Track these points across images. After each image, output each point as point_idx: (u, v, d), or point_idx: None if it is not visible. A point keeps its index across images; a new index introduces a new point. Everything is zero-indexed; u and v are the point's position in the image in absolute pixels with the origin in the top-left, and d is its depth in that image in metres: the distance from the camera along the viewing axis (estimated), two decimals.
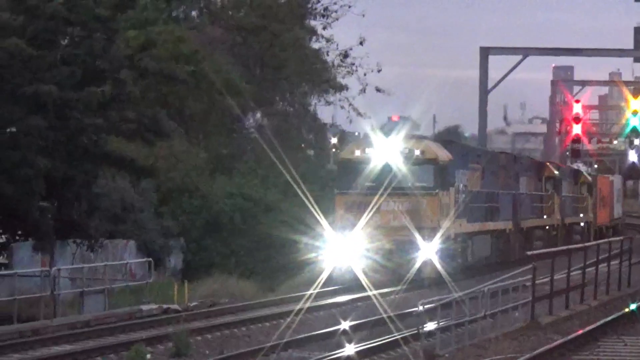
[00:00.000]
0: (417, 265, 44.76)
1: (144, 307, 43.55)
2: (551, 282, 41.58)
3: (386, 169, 46.18)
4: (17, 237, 56.64)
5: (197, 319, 38.25)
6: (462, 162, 53.89)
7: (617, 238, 60.70)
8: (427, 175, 47.04)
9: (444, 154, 49.06)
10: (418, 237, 45.08)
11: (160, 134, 55.32)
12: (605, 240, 57.65)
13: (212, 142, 58.86)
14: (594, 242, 54.30)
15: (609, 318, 39.25)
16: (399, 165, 45.98)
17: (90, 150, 51.91)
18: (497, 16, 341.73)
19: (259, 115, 68.56)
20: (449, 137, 78.91)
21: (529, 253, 52.08)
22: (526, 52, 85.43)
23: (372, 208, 44.71)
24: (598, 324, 37.68)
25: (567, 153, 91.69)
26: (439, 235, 45.77)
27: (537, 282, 39.94)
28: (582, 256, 46.82)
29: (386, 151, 46.42)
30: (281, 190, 61.45)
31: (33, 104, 49.36)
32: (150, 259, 48.64)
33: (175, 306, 43.40)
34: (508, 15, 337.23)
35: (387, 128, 69.35)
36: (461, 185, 51.74)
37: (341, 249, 44.42)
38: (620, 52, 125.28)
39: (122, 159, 52.65)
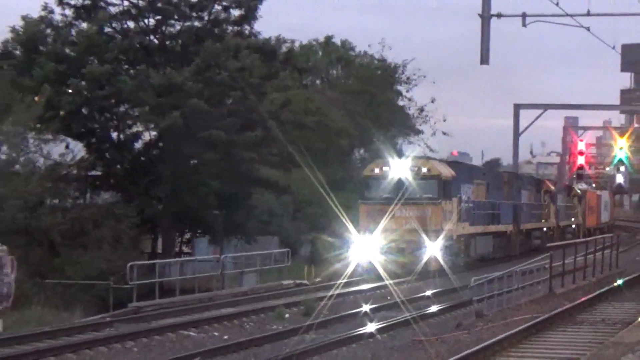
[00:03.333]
0: (424, 260, 43.31)
1: (284, 282, 43.59)
2: (563, 265, 41.40)
3: (399, 183, 44.63)
4: (197, 235, 57.17)
5: (319, 291, 38.10)
6: (467, 178, 52.11)
7: (609, 235, 60.13)
8: (432, 188, 45.27)
9: (447, 171, 47.20)
10: (425, 238, 43.42)
11: (294, 164, 55.36)
12: (601, 236, 57.50)
13: (330, 170, 58.72)
14: (593, 237, 53.98)
15: (603, 290, 39.19)
16: (410, 180, 44.51)
17: (247, 176, 52.24)
18: (526, 82, 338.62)
19: (362, 151, 68.24)
20: (491, 167, 77.95)
21: (548, 245, 51.64)
22: (545, 107, 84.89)
23: (388, 214, 42.99)
24: (595, 293, 37.71)
25: (574, 177, 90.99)
26: (442, 236, 44.13)
27: (553, 265, 39.88)
28: (584, 247, 46.54)
29: (399, 169, 44.92)
30: None
31: (208, 144, 49.65)
32: (288, 249, 48.63)
33: (305, 282, 43.38)
34: (533, 80, 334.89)
35: (450, 159, 69.40)
36: (464, 196, 49.65)
37: (363, 247, 42.90)
38: (610, 107, 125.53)
39: (269, 181, 52.89)
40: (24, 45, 51.13)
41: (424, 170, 45.14)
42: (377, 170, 45.71)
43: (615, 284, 41.40)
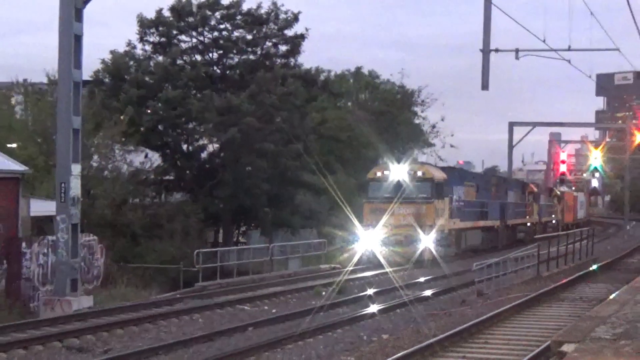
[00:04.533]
0: (419, 251, 42.06)
1: (322, 266, 43.48)
2: (548, 253, 41.25)
3: (398, 185, 43.21)
4: (251, 228, 57.26)
5: (351, 274, 37.95)
6: (458, 180, 50.66)
7: (585, 228, 59.84)
8: (426, 189, 43.87)
9: (439, 175, 45.84)
10: (420, 231, 42.07)
11: (330, 171, 55.36)
12: (579, 229, 57.09)
13: (358, 176, 58.39)
14: (572, 231, 53.60)
15: (581, 273, 38.90)
16: (407, 182, 43.22)
17: (292, 180, 52.23)
18: (518, 104, 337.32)
19: (385, 159, 68.74)
20: (490, 173, 77.35)
21: (536, 237, 51.45)
22: (534, 124, 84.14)
23: (388, 212, 41.86)
24: (575, 276, 37.41)
25: (558, 181, 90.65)
26: (434, 230, 42.83)
27: (540, 253, 39.70)
28: (565, 238, 46.27)
29: (398, 173, 43.56)
30: None
31: (260, 154, 49.71)
32: (324, 239, 48.61)
33: (339, 266, 43.14)
34: (524, 103, 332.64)
35: (456, 166, 68.79)
36: (455, 196, 48.20)
37: (367, 240, 41.70)
38: (587, 125, 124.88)
39: (309, 184, 52.79)
40: (112, 74, 51.54)
41: (419, 173, 44.02)
42: (379, 174, 44.66)
43: (591, 269, 41.15)
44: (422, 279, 35.83)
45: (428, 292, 31.57)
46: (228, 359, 19.49)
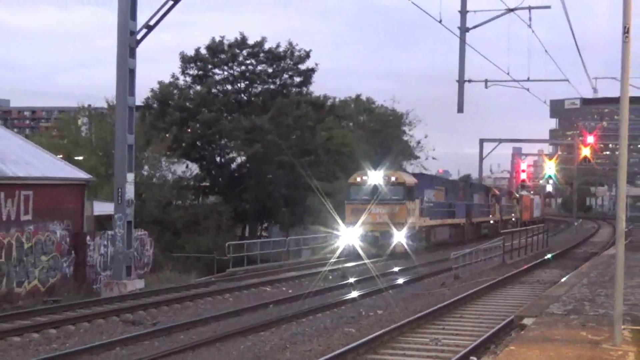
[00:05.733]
0: (392, 245, 40.37)
1: (328, 255, 43.33)
2: (511, 244, 41.16)
3: (374, 188, 41.46)
4: (271, 224, 57.14)
5: (345, 263, 37.68)
6: (429, 185, 49.25)
7: (540, 225, 59.84)
8: (399, 192, 41.91)
9: (410, 180, 43.97)
10: (393, 228, 40.40)
11: (335, 177, 55.30)
12: (537, 225, 57.11)
13: None
14: (531, 226, 53.60)
15: (538, 261, 38.96)
16: (382, 186, 41.50)
17: (304, 185, 51.95)
18: (487, 124, 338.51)
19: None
20: (473, 183, 76.28)
21: (502, 231, 51.28)
22: (500, 141, 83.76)
23: (366, 211, 40.30)
24: (533, 263, 37.48)
25: (519, 186, 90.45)
26: (406, 227, 40.98)
27: (505, 244, 39.58)
28: (525, 233, 46.21)
29: (375, 178, 41.84)
30: None
31: (279, 165, 49.71)
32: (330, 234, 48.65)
33: (343, 258, 42.86)
34: (492, 123, 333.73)
35: (428, 173, 67.66)
36: (425, 198, 46.25)
37: (348, 235, 39.77)
38: (542, 141, 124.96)
39: (318, 189, 52.61)
40: (159, 101, 51.62)
41: (393, 179, 42.42)
42: (358, 179, 42.82)
43: (546, 257, 41.17)
44: (396, 269, 34.84)
45: (401, 281, 30.43)
46: (252, 330, 19.47)
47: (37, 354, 16.84)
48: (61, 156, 39.42)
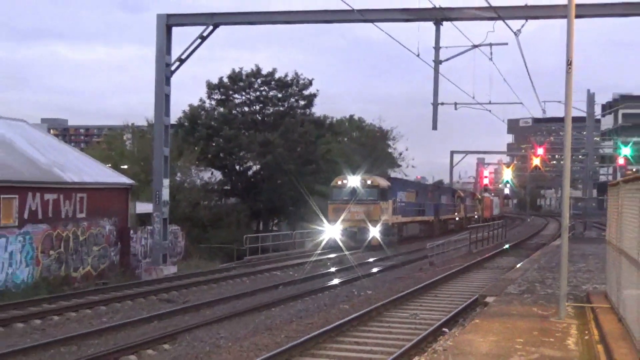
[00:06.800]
0: (369, 239, 39.00)
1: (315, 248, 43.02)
2: (476, 236, 41.04)
3: (353, 190, 39.78)
4: (281, 220, 57.01)
5: (329, 254, 37.42)
6: (401, 187, 47.65)
7: (499, 221, 59.62)
8: (374, 193, 40.30)
9: (384, 183, 42.26)
10: (369, 225, 39.04)
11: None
12: (497, 221, 56.90)
13: None
14: (492, 222, 53.42)
15: (498, 250, 38.80)
16: (359, 188, 39.91)
17: (308, 189, 51.22)
18: (457, 139, 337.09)
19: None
20: (441, 186, 75.64)
21: (469, 226, 50.82)
22: (467, 152, 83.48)
23: (346, 210, 38.90)
24: (493, 252, 37.32)
25: (483, 189, 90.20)
26: (380, 224, 39.60)
27: (471, 237, 39.46)
28: (487, 227, 46.08)
29: (353, 181, 40.09)
30: None
31: (287, 172, 49.62)
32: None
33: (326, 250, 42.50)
34: (461, 138, 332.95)
35: (408, 179, 66.74)
36: (398, 199, 44.67)
37: (331, 230, 38.33)
38: (501, 153, 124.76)
39: (320, 192, 52.49)
40: (189, 120, 51.55)
41: (369, 182, 40.85)
42: (339, 182, 41.20)
43: (504, 247, 41.03)
44: (371, 259, 34.08)
45: (375, 269, 29.64)
46: (265, 307, 19.45)
47: (90, 327, 16.83)
48: (109, 165, 39.43)
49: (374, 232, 39.23)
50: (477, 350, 11.05)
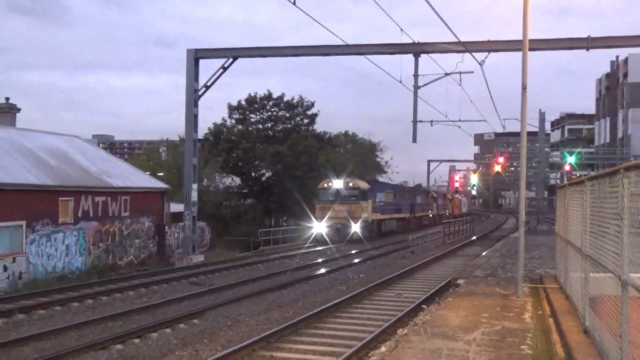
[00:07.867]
0: (351, 233, 37.63)
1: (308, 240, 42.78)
2: (449, 230, 40.91)
3: (337, 191, 38.58)
4: (289, 217, 56.60)
5: (325, 245, 37.29)
6: (380, 189, 46.13)
7: (468, 217, 59.44)
8: (355, 194, 38.75)
9: (364, 185, 40.59)
10: (351, 221, 37.80)
11: None
12: (465, 217, 56.77)
13: None
14: (461, 218, 53.29)
15: (467, 241, 38.67)
16: (343, 190, 38.65)
17: (311, 192, 51.39)
18: (434, 150, 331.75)
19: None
20: (417, 188, 74.88)
21: (443, 221, 50.47)
22: (441, 161, 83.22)
23: (331, 209, 37.81)
24: (463, 243, 37.22)
25: (454, 191, 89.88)
26: (360, 220, 38.34)
27: (445, 230, 39.30)
28: (458, 222, 45.89)
29: (337, 184, 38.78)
30: None
31: (294, 178, 49.51)
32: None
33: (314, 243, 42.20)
34: (438, 149, 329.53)
35: (386, 182, 63.90)
36: (377, 199, 43.18)
37: (318, 227, 37.52)
38: (469, 161, 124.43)
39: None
40: (214, 135, 51.42)
41: (351, 184, 39.44)
42: (325, 185, 39.79)
43: (472, 239, 40.94)
44: (353, 251, 32.83)
45: (356, 260, 28.30)
46: (276, 288, 19.40)
47: (133, 305, 16.80)
48: (148, 173, 39.37)
49: (355, 227, 38.18)
50: (450, 323, 11.04)
